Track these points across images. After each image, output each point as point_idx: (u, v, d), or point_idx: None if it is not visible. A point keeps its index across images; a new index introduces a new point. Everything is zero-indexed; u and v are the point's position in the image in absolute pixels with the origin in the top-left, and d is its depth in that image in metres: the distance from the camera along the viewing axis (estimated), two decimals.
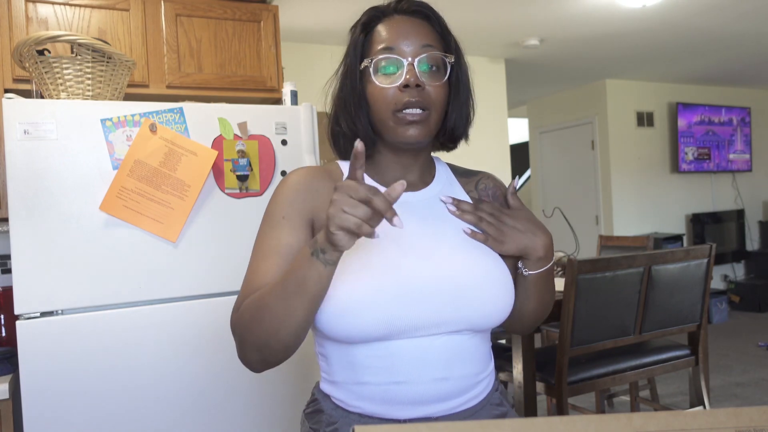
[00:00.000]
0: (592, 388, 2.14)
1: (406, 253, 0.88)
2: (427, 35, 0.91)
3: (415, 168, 0.98)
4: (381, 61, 0.90)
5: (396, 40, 0.90)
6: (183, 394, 1.73)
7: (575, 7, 3.53)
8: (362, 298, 0.82)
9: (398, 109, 0.88)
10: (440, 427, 0.59)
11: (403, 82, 0.88)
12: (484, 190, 1.03)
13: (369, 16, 0.95)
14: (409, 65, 0.88)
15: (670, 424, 0.58)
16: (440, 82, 0.90)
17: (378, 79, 0.90)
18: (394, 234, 0.89)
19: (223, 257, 1.79)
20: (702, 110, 6.00)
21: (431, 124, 0.91)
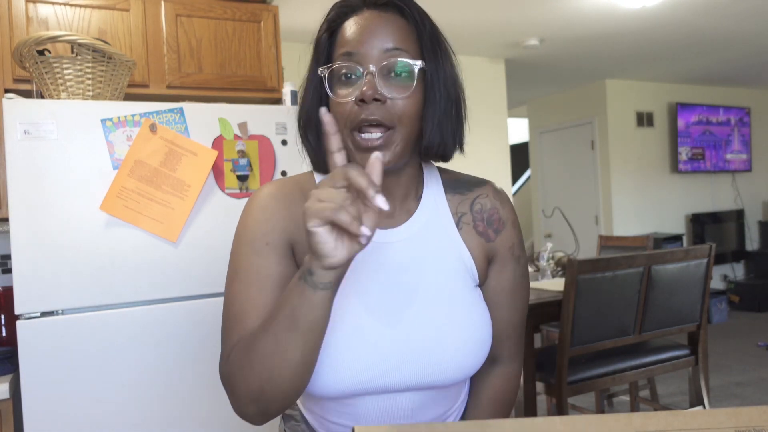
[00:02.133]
0: (592, 388, 2.14)
1: (372, 314, 0.80)
2: (396, 35, 0.78)
3: (397, 191, 0.85)
4: (339, 69, 0.77)
5: (358, 43, 0.77)
6: (183, 394, 1.73)
7: (575, 7, 3.53)
8: (323, 362, 0.77)
9: (354, 127, 0.76)
10: (440, 427, 0.59)
11: (358, 96, 0.74)
12: (479, 212, 0.90)
13: (336, 13, 0.82)
14: (368, 75, 0.75)
15: (669, 424, 0.58)
16: (407, 93, 0.76)
17: (335, 91, 0.78)
18: (361, 290, 0.81)
19: (223, 257, 1.79)
20: (700, 110, 6.00)
21: (397, 145, 0.77)
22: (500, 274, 0.90)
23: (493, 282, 0.90)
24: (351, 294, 0.81)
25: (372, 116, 0.75)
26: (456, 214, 0.88)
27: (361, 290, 0.81)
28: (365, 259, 0.82)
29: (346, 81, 0.77)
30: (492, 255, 0.90)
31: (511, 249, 0.91)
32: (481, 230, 0.89)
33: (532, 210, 6.63)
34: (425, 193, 0.88)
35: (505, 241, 0.90)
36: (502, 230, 0.90)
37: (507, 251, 0.90)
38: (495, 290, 0.90)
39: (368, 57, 0.76)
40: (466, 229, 0.88)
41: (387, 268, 0.83)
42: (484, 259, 0.89)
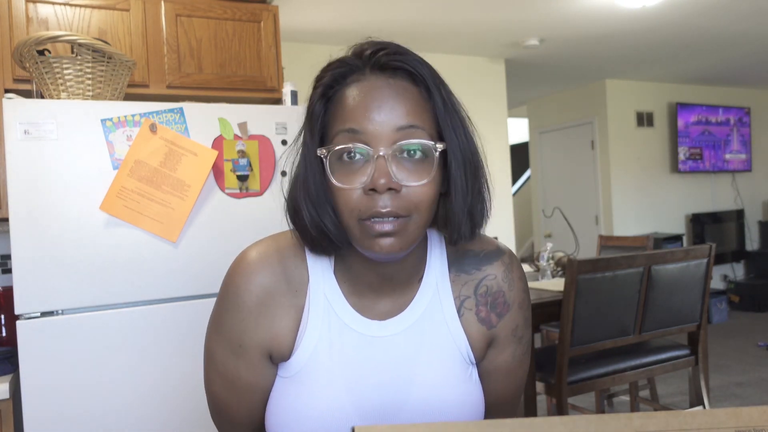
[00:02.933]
0: (592, 388, 2.14)
1: (363, 418, 0.76)
2: (409, 109, 0.66)
3: (399, 277, 0.77)
4: (341, 151, 0.66)
5: (365, 119, 0.65)
6: (183, 394, 1.73)
7: (575, 7, 3.53)
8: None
9: (363, 217, 0.66)
10: (440, 427, 0.59)
11: (368, 184, 0.65)
12: (484, 295, 0.81)
13: (333, 76, 0.70)
14: (380, 159, 0.65)
15: (669, 424, 0.58)
16: (426, 180, 0.66)
17: (337, 176, 0.67)
18: (352, 388, 0.76)
19: (223, 257, 1.79)
20: (699, 110, 6.00)
21: (411, 232, 0.68)
22: (498, 356, 0.84)
23: (489, 362, 0.84)
24: (342, 394, 0.75)
25: (385, 208, 0.65)
26: (458, 297, 0.81)
27: (352, 390, 0.76)
28: (358, 354, 0.77)
29: (349, 162, 0.66)
30: (493, 339, 0.83)
31: (513, 331, 0.84)
32: (483, 316, 0.81)
33: (532, 210, 6.63)
34: (427, 274, 0.80)
35: (508, 324, 0.83)
36: (505, 314, 0.82)
37: (509, 334, 0.83)
38: (490, 369, 0.84)
39: (378, 137, 0.65)
40: (468, 315, 0.81)
41: (380, 364, 0.77)
42: (483, 344, 0.82)
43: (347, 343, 0.77)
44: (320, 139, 0.71)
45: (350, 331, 0.77)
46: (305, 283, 0.77)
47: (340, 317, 0.77)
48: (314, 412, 0.75)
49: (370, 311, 0.78)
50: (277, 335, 0.77)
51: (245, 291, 0.77)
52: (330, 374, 0.76)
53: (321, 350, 0.76)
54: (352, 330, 0.77)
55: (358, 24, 3.63)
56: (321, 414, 0.75)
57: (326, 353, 0.76)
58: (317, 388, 0.76)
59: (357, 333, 0.77)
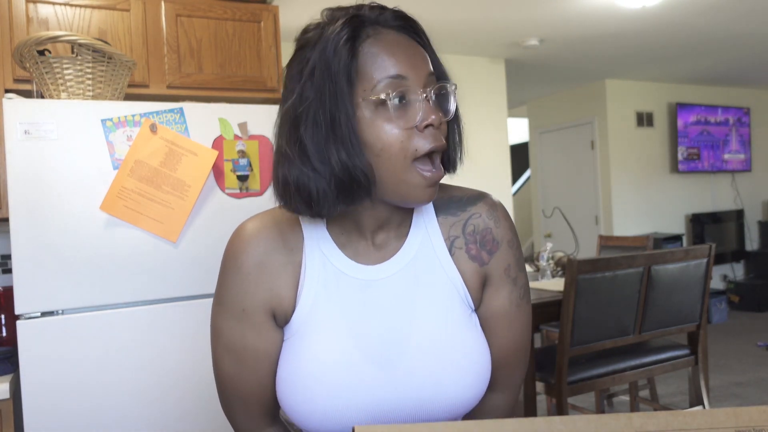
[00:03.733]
0: (591, 387, 2.14)
1: (366, 356, 0.78)
2: (426, 58, 0.76)
3: (394, 220, 0.81)
4: (397, 94, 0.71)
5: (408, 66, 0.72)
6: (183, 394, 1.73)
7: (575, 7, 3.53)
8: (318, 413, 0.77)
9: (418, 156, 0.72)
10: (440, 427, 0.59)
11: (425, 121, 0.71)
12: (472, 234, 0.85)
13: (354, 27, 0.73)
14: (425, 100, 0.72)
15: (669, 424, 0.58)
16: (450, 117, 0.76)
17: (391, 119, 0.71)
18: (360, 326, 0.79)
19: None
20: (698, 110, 6.00)
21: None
22: (494, 298, 0.85)
23: (487, 306, 0.85)
24: (344, 336, 0.79)
25: (440, 144, 0.73)
26: (448, 239, 0.84)
27: (354, 334, 0.79)
28: (357, 299, 0.80)
29: (398, 106, 0.71)
30: (486, 278, 0.85)
31: (506, 271, 0.86)
32: (474, 254, 0.84)
33: (532, 210, 6.63)
34: (416, 218, 0.84)
35: (500, 262, 0.85)
36: (496, 251, 0.85)
37: (502, 273, 0.85)
38: (488, 315, 0.85)
39: (419, 81, 0.72)
40: (459, 254, 0.84)
41: (380, 306, 0.80)
42: (478, 284, 0.84)
43: (345, 289, 0.80)
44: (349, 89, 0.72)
45: (346, 277, 0.80)
46: (301, 241, 0.81)
47: (336, 266, 0.81)
48: (318, 358, 0.77)
49: (365, 257, 0.82)
50: (277, 293, 0.80)
51: (243, 255, 0.80)
52: (331, 322, 0.79)
53: (320, 301, 0.79)
54: (348, 276, 0.80)
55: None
56: (325, 359, 0.77)
57: (325, 302, 0.79)
58: (321, 338, 0.78)
59: (353, 278, 0.80)
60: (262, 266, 0.80)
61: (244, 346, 0.81)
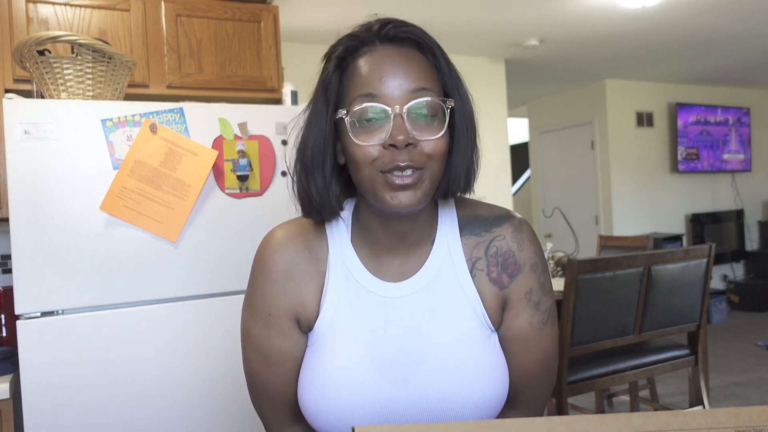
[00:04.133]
0: (592, 388, 2.14)
1: (381, 372, 0.79)
2: (419, 72, 0.74)
3: (411, 235, 0.82)
4: (361, 113, 0.73)
5: (380, 83, 0.73)
6: (183, 394, 1.73)
7: (575, 7, 3.53)
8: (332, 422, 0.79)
9: (385, 169, 0.73)
10: (440, 427, 0.59)
11: (388, 141, 0.72)
12: (494, 256, 0.84)
13: (345, 48, 0.77)
14: (397, 117, 0.72)
15: (669, 424, 0.58)
16: (438, 134, 0.74)
17: (358, 136, 0.74)
18: (371, 347, 0.81)
19: (223, 257, 1.79)
20: (698, 110, 6.00)
21: (426, 184, 0.75)
22: (514, 322, 0.84)
23: (506, 329, 0.85)
24: (362, 351, 0.80)
25: (405, 162, 0.72)
26: (470, 259, 0.84)
27: (371, 349, 0.80)
28: (376, 313, 0.82)
29: (368, 123, 0.73)
30: (506, 301, 0.85)
31: (527, 295, 0.85)
32: (494, 277, 0.84)
33: (532, 210, 6.63)
34: (439, 236, 0.84)
35: (521, 286, 0.84)
36: (517, 275, 0.84)
37: (522, 297, 0.84)
38: (509, 336, 0.85)
39: (393, 99, 0.72)
40: (480, 276, 0.84)
41: (398, 324, 0.81)
42: (498, 306, 0.84)
43: (365, 305, 0.82)
44: (335, 108, 0.77)
45: (367, 293, 0.82)
46: (326, 252, 0.84)
47: (358, 281, 0.83)
48: (336, 370, 0.79)
49: (386, 274, 0.83)
50: (302, 301, 0.83)
51: (272, 262, 0.83)
52: (351, 335, 0.81)
53: (341, 313, 0.82)
54: (369, 292, 0.82)
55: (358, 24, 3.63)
56: (342, 372, 0.79)
57: (346, 315, 0.81)
58: (338, 348, 0.80)
59: (374, 294, 0.82)
60: (289, 274, 0.83)
61: (270, 348, 0.84)
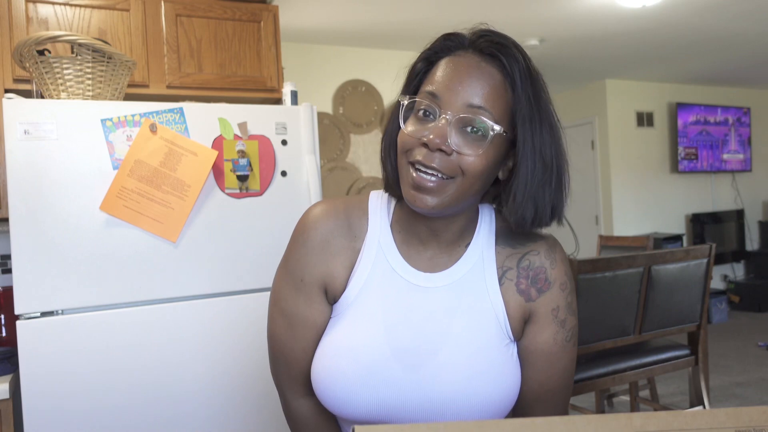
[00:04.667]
0: (592, 388, 2.14)
1: (396, 356, 0.81)
2: (485, 92, 0.75)
3: (444, 236, 0.85)
4: (418, 104, 0.78)
5: (446, 88, 0.76)
6: (183, 394, 1.73)
7: (575, 7, 3.53)
8: (342, 394, 0.81)
9: (411, 159, 0.76)
10: (440, 427, 0.59)
11: (425, 137, 0.74)
12: (526, 269, 0.86)
13: (440, 46, 0.81)
14: (443, 120, 0.74)
15: (670, 424, 0.58)
16: (477, 151, 0.74)
17: (407, 124, 0.78)
18: (390, 328, 0.83)
19: (223, 257, 1.79)
20: (697, 110, 6.00)
21: (453, 194, 0.76)
22: (537, 335, 0.86)
23: (529, 342, 0.86)
24: (380, 332, 0.82)
25: (430, 164, 0.74)
26: (501, 268, 0.86)
27: (390, 330, 0.82)
28: (400, 298, 0.84)
29: (423, 117, 0.77)
30: (530, 314, 0.86)
31: (554, 311, 0.86)
32: (522, 288, 0.86)
33: None
34: (474, 241, 0.86)
35: (548, 302, 0.86)
36: (546, 291, 0.86)
37: (548, 313, 0.86)
38: (531, 350, 0.86)
39: (450, 105, 0.75)
40: (508, 285, 0.86)
41: (419, 312, 0.83)
42: (520, 318, 0.85)
43: (391, 286, 0.85)
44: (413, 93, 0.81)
45: (396, 276, 0.85)
46: (364, 231, 0.87)
47: (389, 262, 0.86)
48: (351, 344, 0.82)
49: (418, 263, 0.86)
50: (332, 272, 0.86)
51: (312, 231, 0.87)
52: (372, 313, 0.83)
53: (367, 290, 0.85)
54: (398, 275, 0.85)
55: (358, 24, 3.63)
56: (357, 346, 0.82)
57: (372, 293, 0.84)
58: (358, 323, 0.83)
59: (402, 279, 0.85)
60: (326, 244, 0.86)
61: (296, 313, 0.87)
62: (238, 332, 1.80)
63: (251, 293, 1.82)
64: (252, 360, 1.81)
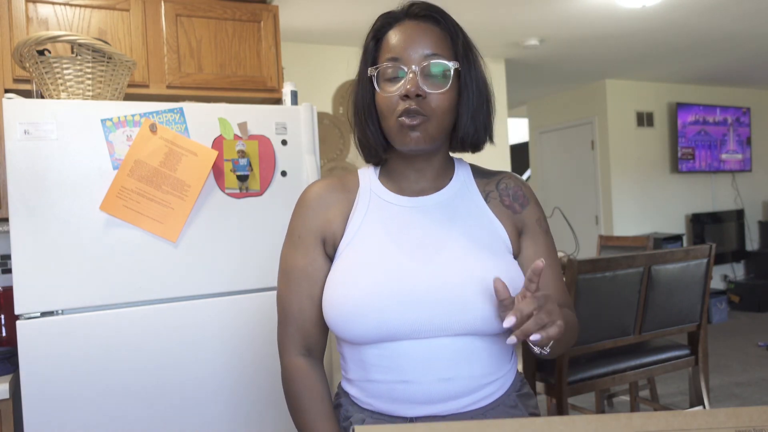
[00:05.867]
0: (592, 388, 2.14)
1: (408, 256, 0.91)
2: (433, 42, 0.92)
3: (429, 172, 0.99)
4: (386, 70, 0.92)
5: (402, 49, 0.91)
6: (183, 394, 1.73)
7: (575, 7, 3.53)
8: (362, 302, 0.87)
9: (399, 114, 0.90)
10: (440, 427, 0.59)
11: (402, 92, 0.90)
12: (505, 189, 1.02)
13: (381, 23, 0.96)
14: (411, 74, 0.90)
15: (670, 424, 0.58)
16: (442, 89, 0.91)
17: (382, 87, 0.93)
18: (400, 235, 0.93)
19: (223, 257, 1.79)
20: (696, 110, 6.00)
21: (430, 130, 0.91)
22: (535, 244, 0.99)
23: (530, 251, 0.99)
24: (387, 242, 0.92)
25: (413, 107, 0.89)
26: (484, 191, 1.01)
27: (395, 239, 0.93)
28: (399, 218, 0.96)
29: (392, 80, 0.92)
30: (521, 226, 1.00)
31: (538, 222, 1.01)
32: (507, 204, 1.00)
33: None
34: (455, 176, 1.01)
35: (531, 214, 1.01)
36: (527, 205, 1.01)
37: (535, 223, 1.00)
38: (532, 259, 0.98)
39: (410, 60, 0.90)
40: (494, 203, 1.00)
41: (421, 225, 0.94)
42: (513, 230, 0.98)
43: (387, 213, 0.96)
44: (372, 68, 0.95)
45: (389, 204, 0.98)
46: (356, 186, 1.01)
47: (381, 197, 0.98)
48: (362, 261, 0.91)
49: (406, 191, 0.99)
50: (330, 219, 0.97)
51: (308, 194, 1.00)
52: (374, 235, 0.94)
53: (365, 223, 0.95)
54: (391, 204, 0.98)
55: (358, 24, 3.63)
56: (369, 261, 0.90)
57: (370, 223, 0.95)
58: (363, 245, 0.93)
59: (395, 205, 0.97)
60: (321, 199, 0.98)
61: (293, 267, 0.97)
62: (238, 332, 1.80)
63: (251, 293, 1.82)
64: (252, 360, 1.81)
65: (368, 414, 0.93)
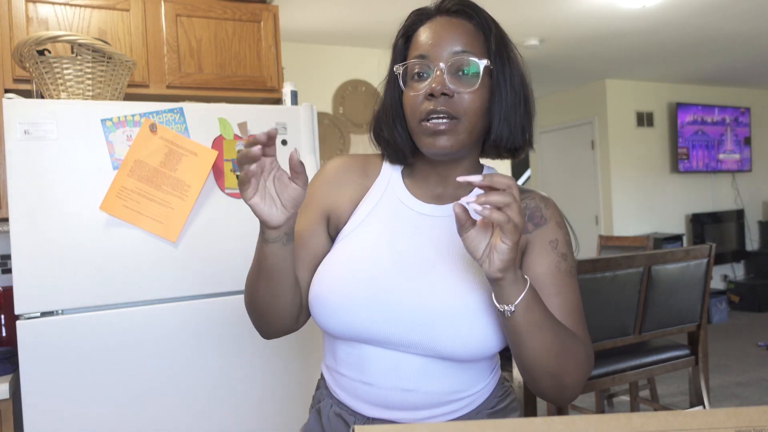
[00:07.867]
0: (592, 388, 2.14)
1: (397, 266, 0.88)
2: (464, 38, 0.87)
3: (451, 177, 0.94)
4: (412, 68, 0.88)
5: (430, 46, 0.87)
6: (183, 394, 1.73)
7: (575, 7, 3.53)
8: (340, 300, 0.86)
9: (423, 118, 0.85)
10: (440, 427, 0.59)
11: (428, 90, 0.85)
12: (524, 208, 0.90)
13: (412, 20, 0.93)
14: (438, 72, 0.85)
15: (669, 424, 0.58)
16: (472, 88, 0.85)
17: (408, 86, 0.89)
18: (398, 242, 0.90)
19: (223, 257, 1.79)
20: (695, 110, 6.00)
21: (461, 133, 0.85)
22: (537, 264, 0.88)
23: (528, 269, 0.89)
24: (382, 246, 0.90)
25: (440, 108, 0.84)
26: None
27: (392, 244, 0.90)
28: (405, 222, 0.93)
29: (418, 79, 0.87)
30: (527, 245, 0.90)
31: (551, 243, 0.90)
32: None
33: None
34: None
35: (545, 235, 0.91)
36: (542, 225, 0.92)
37: (546, 243, 0.90)
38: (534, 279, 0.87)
39: (438, 57, 0.85)
40: None
41: (422, 235, 0.91)
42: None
43: (397, 213, 0.94)
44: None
45: (402, 206, 0.94)
46: (377, 174, 0.98)
47: (397, 194, 0.95)
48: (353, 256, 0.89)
49: (425, 198, 0.95)
50: (338, 201, 0.96)
51: (329, 166, 0.99)
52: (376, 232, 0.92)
53: (372, 215, 0.94)
54: (404, 205, 0.94)
55: (358, 24, 3.63)
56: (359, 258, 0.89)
57: (376, 218, 0.93)
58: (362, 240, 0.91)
59: (407, 208, 0.94)
60: (338, 176, 0.97)
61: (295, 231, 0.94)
62: (238, 332, 1.80)
63: None
64: (253, 360, 1.81)
65: (336, 402, 0.94)
